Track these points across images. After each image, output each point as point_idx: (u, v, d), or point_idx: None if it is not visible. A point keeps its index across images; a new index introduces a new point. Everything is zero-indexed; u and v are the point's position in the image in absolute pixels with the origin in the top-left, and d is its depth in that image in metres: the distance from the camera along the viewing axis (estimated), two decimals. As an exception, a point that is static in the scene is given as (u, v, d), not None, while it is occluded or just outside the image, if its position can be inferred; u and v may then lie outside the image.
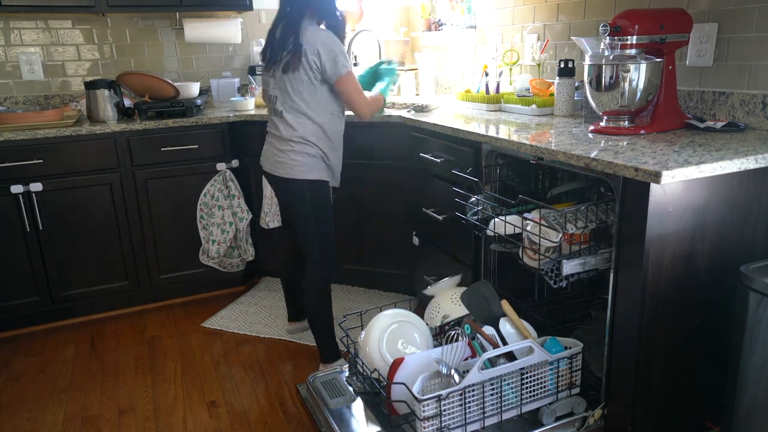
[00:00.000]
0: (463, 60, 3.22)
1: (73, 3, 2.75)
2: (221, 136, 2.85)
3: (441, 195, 2.35)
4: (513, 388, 1.52)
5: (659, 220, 1.41)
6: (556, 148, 1.62)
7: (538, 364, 1.53)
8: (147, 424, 2.04)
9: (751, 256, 1.57)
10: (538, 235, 1.62)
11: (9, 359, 2.51)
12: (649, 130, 1.81)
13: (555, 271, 1.67)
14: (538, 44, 2.64)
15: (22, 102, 3.04)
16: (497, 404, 1.51)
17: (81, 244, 2.72)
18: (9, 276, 2.63)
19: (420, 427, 1.43)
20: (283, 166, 2.09)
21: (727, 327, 1.60)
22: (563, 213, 1.62)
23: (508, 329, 1.64)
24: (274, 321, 2.72)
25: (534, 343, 1.52)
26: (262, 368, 2.36)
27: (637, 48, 1.73)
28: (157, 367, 2.40)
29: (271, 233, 3.04)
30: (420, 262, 2.65)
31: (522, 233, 1.72)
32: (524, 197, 1.71)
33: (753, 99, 1.80)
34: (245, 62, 3.45)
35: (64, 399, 2.21)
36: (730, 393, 1.50)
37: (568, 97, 2.27)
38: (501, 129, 2.03)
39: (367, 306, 2.82)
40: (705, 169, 1.37)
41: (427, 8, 3.51)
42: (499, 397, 1.50)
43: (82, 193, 2.66)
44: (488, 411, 1.50)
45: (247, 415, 2.07)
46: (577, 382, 1.61)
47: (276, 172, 2.11)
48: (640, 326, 1.47)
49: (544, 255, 1.64)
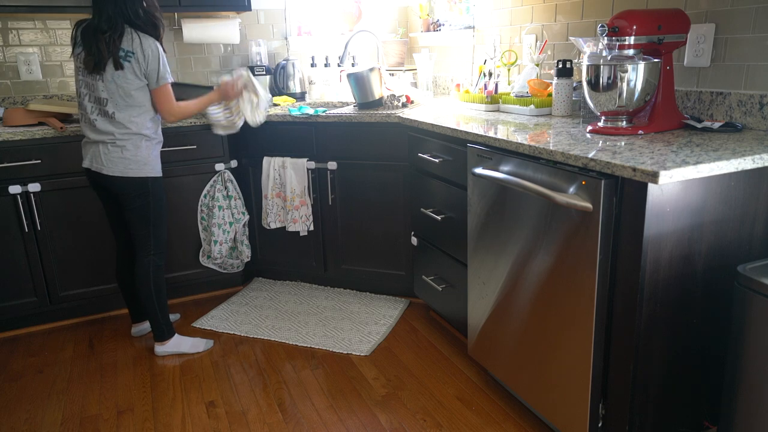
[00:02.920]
0: (462, 60, 3.22)
1: (72, 3, 2.74)
2: (220, 136, 2.84)
3: (439, 195, 2.36)
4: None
5: (657, 220, 1.41)
6: (554, 149, 1.62)
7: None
8: (146, 425, 2.04)
9: (749, 255, 1.58)
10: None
11: (7, 360, 2.51)
12: (647, 131, 1.81)
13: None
14: (537, 45, 2.64)
15: (20, 102, 3.04)
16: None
17: (79, 245, 2.71)
18: (7, 276, 2.62)
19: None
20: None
21: (724, 327, 1.61)
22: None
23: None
24: (264, 321, 2.72)
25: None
26: (260, 368, 2.36)
27: (634, 48, 1.74)
28: (156, 368, 2.40)
29: (268, 234, 3.05)
30: (419, 262, 2.65)
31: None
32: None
33: (750, 99, 1.80)
34: (244, 62, 3.46)
35: (63, 399, 2.21)
36: (727, 392, 1.50)
37: (566, 97, 2.28)
38: (499, 129, 2.04)
39: (357, 308, 2.83)
40: (702, 169, 1.38)
41: (426, 8, 3.51)
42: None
43: (80, 193, 2.66)
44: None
45: (245, 415, 2.07)
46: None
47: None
48: (638, 326, 1.47)
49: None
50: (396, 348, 2.48)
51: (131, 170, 2.22)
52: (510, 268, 1.88)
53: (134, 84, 2.17)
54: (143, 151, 2.24)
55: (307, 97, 3.47)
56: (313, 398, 2.15)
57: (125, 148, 2.21)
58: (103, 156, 2.21)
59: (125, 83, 2.15)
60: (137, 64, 2.14)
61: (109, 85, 2.15)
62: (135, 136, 2.21)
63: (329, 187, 2.83)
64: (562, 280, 1.65)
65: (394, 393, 2.17)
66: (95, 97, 2.18)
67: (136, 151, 2.22)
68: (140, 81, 2.18)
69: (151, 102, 2.24)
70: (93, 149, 2.23)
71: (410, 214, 2.68)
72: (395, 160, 2.66)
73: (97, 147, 2.22)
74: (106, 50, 2.11)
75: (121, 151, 2.20)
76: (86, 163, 2.26)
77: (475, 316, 2.12)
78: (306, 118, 2.76)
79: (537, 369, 1.82)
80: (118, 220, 2.42)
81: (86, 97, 2.20)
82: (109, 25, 2.12)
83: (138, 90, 2.18)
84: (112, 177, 2.22)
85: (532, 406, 1.89)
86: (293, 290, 3.06)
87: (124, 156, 2.21)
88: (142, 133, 2.22)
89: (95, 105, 2.19)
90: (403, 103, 2.85)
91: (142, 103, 2.21)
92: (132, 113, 2.19)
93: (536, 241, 1.74)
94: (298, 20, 3.52)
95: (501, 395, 2.12)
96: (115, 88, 2.15)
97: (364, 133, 2.69)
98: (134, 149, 2.22)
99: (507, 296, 1.92)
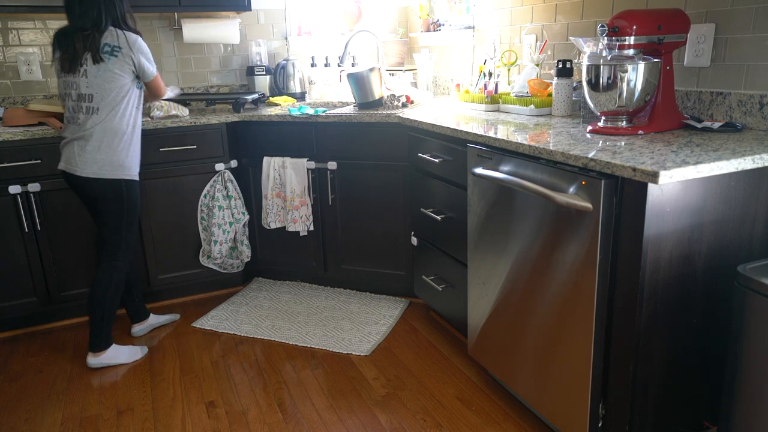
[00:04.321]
0: (462, 60, 3.22)
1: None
2: (220, 136, 2.85)
3: (439, 195, 2.36)
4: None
5: (657, 220, 1.41)
6: (554, 148, 1.62)
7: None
8: (146, 425, 2.04)
9: (749, 255, 1.58)
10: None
11: (7, 360, 2.51)
12: (647, 131, 1.81)
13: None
14: (537, 45, 2.64)
15: (20, 102, 3.04)
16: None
17: (79, 245, 2.71)
18: (7, 276, 2.62)
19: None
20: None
21: (724, 327, 1.61)
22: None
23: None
24: (264, 321, 2.72)
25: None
26: (260, 368, 2.36)
27: (634, 48, 1.74)
28: (156, 367, 2.40)
29: (268, 234, 3.05)
30: (419, 262, 2.65)
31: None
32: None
33: (750, 99, 1.80)
34: (243, 62, 3.46)
35: (63, 399, 2.21)
36: (727, 392, 1.50)
37: (566, 97, 2.28)
38: (499, 129, 2.04)
39: (357, 308, 2.83)
40: (702, 169, 1.38)
41: (426, 8, 3.51)
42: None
43: (80, 193, 2.66)
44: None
45: (245, 415, 2.07)
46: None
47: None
48: (638, 326, 1.47)
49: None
50: (396, 348, 2.48)
51: (105, 171, 2.22)
52: (510, 268, 1.88)
53: (118, 78, 2.18)
54: (119, 152, 2.24)
55: (307, 97, 3.47)
56: (313, 398, 2.15)
57: (100, 147, 2.20)
58: (77, 156, 2.21)
59: (109, 77, 2.17)
60: (124, 58, 2.17)
61: (92, 80, 2.17)
62: (112, 135, 2.21)
63: (329, 187, 2.83)
64: (562, 280, 1.65)
65: (394, 393, 2.17)
66: (77, 94, 2.19)
67: (111, 151, 2.22)
68: (125, 76, 2.19)
69: (131, 98, 2.25)
70: (68, 150, 2.24)
71: (410, 214, 2.68)
72: (395, 160, 2.66)
73: (72, 146, 2.22)
74: (82, 46, 2.14)
75: (97, 151, 2.20)
76: (62, 165, 2.27)
77: (475, 316, 2.13)
78: (306, 118, 2.76)
79: (537, 369, 1.82)
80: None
81: (68, 97, 2.22)
82: (93, 24, 2.15)
83: (121, 85, 2.20)
84: (85, 178, 2.22)
85: (532, 406, 1.89)
86: (293, 290, 3.06)
87: (98, 157, 2.20)
88: (121, 130, 2.23)
89: (78, 102, 2.20)
90: (403, 103, 2.85)
91: (123, 99, 2.22)
92: (114, 109, 2.20)
93: (536, 241, 1.74)
94: (298, 20, 3.52)
95: (501, 395, 2.12)
96: (99, 83, 2.17)
97: (364, 133, 2.69)
98: (108, 149, 2.21)
99: (507, 296, 1.92)
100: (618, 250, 1.49)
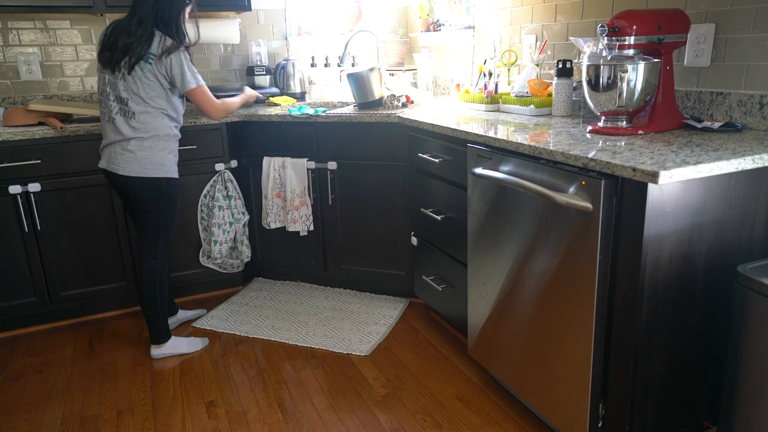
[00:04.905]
0: (462, 60, 3.22)
1: (72, 3, 2.74)
2: (220, 136, 2.85)
3: (439, 195, 2.36)
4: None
5: (657, 220, 1.41)
6: (554, 148, 1.62)
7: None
8: (146, 425, 2.04)
9: (749, 255, 1.58)
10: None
11: (7, 360, 2.51)
12: (647, 131, 1.81)
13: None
14: (537, 45, 2.64)
15: (20, 102, 3.04)
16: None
17: (79, 245, 2.71)
18: (7, 276, 2.62)
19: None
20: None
21: (724, 327, 1.61)
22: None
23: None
24: (264, 321, 2.72)
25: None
26: (260, 368, 2.36)
27: (635, 48, 1.74)
28: (156, 368, 2.40)
29: (268, 234, 3.05)
30: (419, 262, 2.65)
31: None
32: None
33: (750, 99, 1.80)
34: (243, 63, 3.46)
35: (63, 399, 2.21)
36: (727, 392, 1.50)
37: (566, 97, 2.28)
38: (499, 129, 2.04)
39: (357, 308, 2.83)
40: (702, 169, 1.38)
41: (426, 8, 3.51)
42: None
43: (80, 193, 2.66)
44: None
45: (245, 415, 2.07)
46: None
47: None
48: (638, 326, 1.47)
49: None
50: (396, 348, 2.48)
51: (147, 171, 2.24)
52: (510, 268, 1.88)
53: (153, 85, 2.19)
54: (159, 152, 2.26)
55: (307, 97, 3.47)
56: (313, 398, 2.15)
57: (141, 148, 2.22)
58: (119, 156, 2.23)
59: (145, 83, 2.18)
60: (157, 66, 2.17)
61: (130, 85, 2.18)
62: (152, 137, 2.23)
63: (329, 187, 2.83)
64: (562, 280, 1.65)
65: (394, 393, 2.17)
66: (116, 96, 2.21)
67: (151, 152, 2.24)
68: (159, 83, 2.20)
69: (170, 103, 2.26)
70: (110, 150, 2.26)
71: (410, 214, 2.68)
72: (395, 160, 2.66)
73: (114, 147, 2.24)
74: (125, 49, 2.15)
75: (137, 152, 2.22)
76: (103, 163, 2.29)
77: (475, 316, 2.13)
78: (306, 118, 2.76)
79: (537, 369, 1.82)
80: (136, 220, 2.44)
81: (109, 95, 2.23)
82: (138, 26, 2.16)
83: (157, 91, 2.21)
84: (126, 177, 2.24)
85: (532, 406, 1.89)
86: (293, 290, 3.06)
87: (139, 156, 2.22)
88: (159, 134, 2.25)
89: (116, 104, 2.21)
90: (403, 103, 2.85)
91: (160, 104, 2.23)
92: (150, 113, 2.22)
93: (536, 241, 1.74)
94: (298, 20, 3.52)
95: (501, 395, 2.12)
96: (136, 89, 2.18)
97: (364, 133, 2.69)
98: (150, 150, 2.24)
99: (507, 296, 1.92)
100: (618, 250, 1.49)
